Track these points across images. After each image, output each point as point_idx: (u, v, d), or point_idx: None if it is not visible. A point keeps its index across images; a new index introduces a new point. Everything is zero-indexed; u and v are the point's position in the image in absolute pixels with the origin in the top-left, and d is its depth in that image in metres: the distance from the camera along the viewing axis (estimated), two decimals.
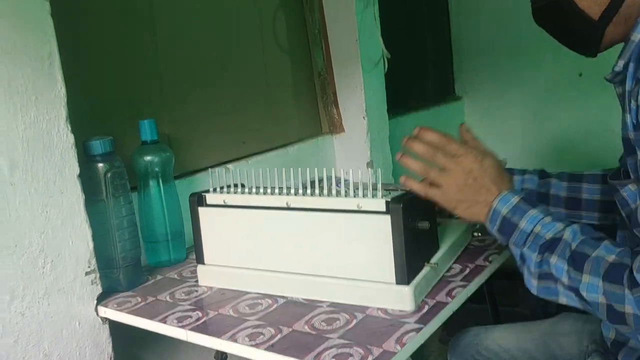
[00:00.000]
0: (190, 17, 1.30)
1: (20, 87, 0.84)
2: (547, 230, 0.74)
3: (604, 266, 0.68)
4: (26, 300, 0.86)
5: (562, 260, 0.71)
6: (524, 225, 0.75)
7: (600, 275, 0.68)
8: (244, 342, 0.77)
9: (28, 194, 0.86)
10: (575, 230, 0.72)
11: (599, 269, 0.68)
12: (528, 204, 0.76)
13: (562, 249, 0.71)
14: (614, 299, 0.66)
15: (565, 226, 0.73)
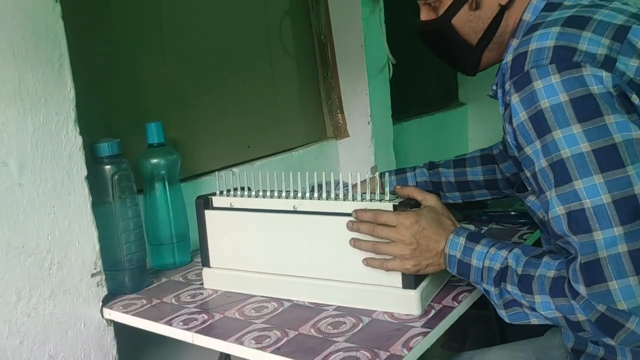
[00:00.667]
0: (198, 21, 1.31)
1: (31, 89, 0.85)
2: (495, 261, 0.76)
3: (547, 283, 0.70)
4: (32, 302, 0.86)
5: (514, 286, 0.73)
6: (476, 263, 0.78)
7: (547, 292, 0.70)
8: (250, 345, 0.77)
9: (36, 195, 0.86)
10: (517, 254, 0.75)
11: (544, 287, 0.70)
12: (472, 240, 0.79)
13: (511, 276, 0.74)
14: (566, 311, 0.69)
15: (508, 252, 0.76)
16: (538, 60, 0.70)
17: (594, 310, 0.65)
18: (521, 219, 1.18)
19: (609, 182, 0.64)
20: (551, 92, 0.68)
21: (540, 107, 0.68)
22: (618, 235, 0.64)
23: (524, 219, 1.17)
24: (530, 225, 1.15)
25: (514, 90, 0.71)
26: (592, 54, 0.68)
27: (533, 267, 0.72)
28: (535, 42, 0.72)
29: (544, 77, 0.68)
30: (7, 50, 0.82)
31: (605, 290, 0.64)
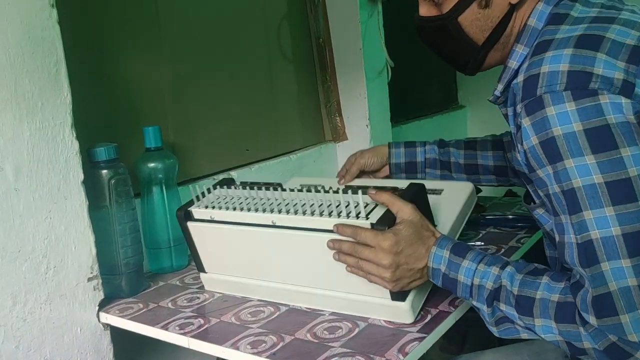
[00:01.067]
0: (196, 25, 1.31)
1: (27, 93, 0.85)
2: (486, 279, 0.74)
3: (552, 307, 0.69)
4: (28, 306, 0.86)
5: (510, 307, 0.72)
6: (463, 279, 0.76)
7: (551, 317, 0.69)
8: (245, 350, 0.77)
9: (32, 199, 0.86)
10: (510, 273, 0.73)
11: (547, 312, 0.69)
12: (457, 254, 0.77)
13: (506, 296, 0.72)
14: (571, 337, 0.67)
15: (500, 269, 0.74)
16: (551, 85, 0.67)
17: (605, 339, 0.65)
18: (519, 223, 1.18)
19: (619, 215, 0.64)
20: (565, 119, 0.66)
21: (553, 134, 0.67)
22: (626, 268, 0.63)
23: (522, 223, 1.17)
24: (528, 229, 1.15)
25: (525, 114, 0.70)
26: (609, 79, 0.66)
27: (530, 287, 0.71)
28: (548, 64, 0.69)
29: (557, 103, 0.66)
30: (3, 55, 0.82)
31: (617, 323, 0.63)
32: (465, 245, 0.79)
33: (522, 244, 1.08)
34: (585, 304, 0.66)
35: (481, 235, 1.15)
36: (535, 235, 1.13)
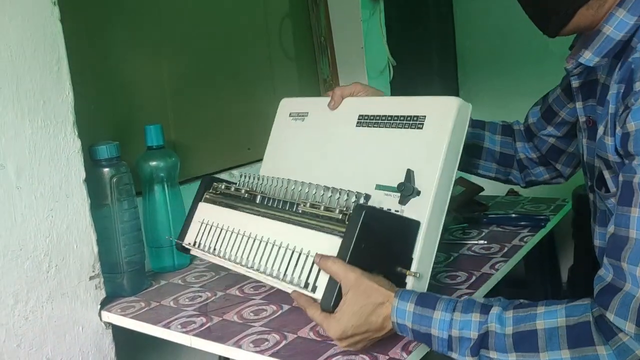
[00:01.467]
0: (198, 23, 1.31)
1: (29, 91, 0.85)
2: (467, 329, 0.66)
3: (562, 333, 0.62)
4: (30, 304, 0.86)
5: (503, 353, 0.64)
6: (438, 333, 0.68)
7: (560, 347, 0.61)
8: (248, 348, 0.76)
9: (34, 198, 0.86)
10: (498, 314, 0.66)
11: (556, 340, 0.62)
12: (426, 306, 0.69)
13: (498, 341, 0.65)
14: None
15: (481, 314, 0.66)
16: None
17: (631, 355, 0.59)
18: (522, 222, 1.17)
19: None
20: None
21: None
22: None
23: (525, 222, 1.17)
24: (531, 227, 1.15)
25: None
26: None
27: (527, 320, 0.64)
28: None
29: None
30: (5, 53, 0.82)
31: None
32: (432, 295, 0.71)
33: (525, 242, 1.08)
34: (625, 308, 0.59)
35: (484, 234, 1.15)
36: (539, 234, 1.13)
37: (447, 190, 0.79)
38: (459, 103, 0.80)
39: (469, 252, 1.05)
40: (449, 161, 0.78)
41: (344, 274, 0.70)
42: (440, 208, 0.78)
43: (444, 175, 0.77)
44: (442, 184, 0.77)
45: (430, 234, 0.77)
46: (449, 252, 1.06)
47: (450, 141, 0.78)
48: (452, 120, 0.78)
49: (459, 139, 0.80)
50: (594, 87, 0.79)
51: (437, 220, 0.78)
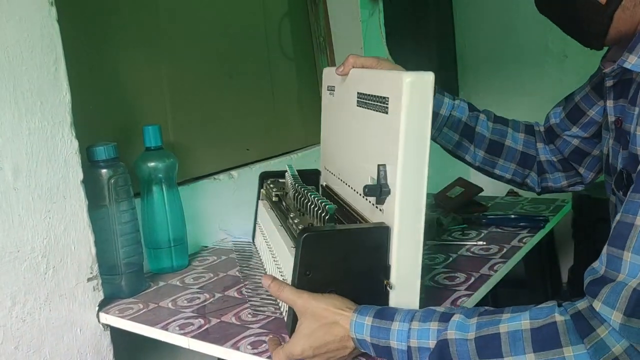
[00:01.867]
0: (196, 24, 1.30)
1: (26, 92, 0.84)
2: (425, 338, 0.64)
3: (526, 337, 0.59)
4: (27, 306, 0.85)
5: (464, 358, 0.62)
6: (397, 345, 0.65)
7: (525, 351, 0.59)
8: (246, 350, 0.76)
9: (31, 199, 0.85)
10: (460, 322, 0.63)
11: (520, 344, 0.59)
12: (383, 318, 0.67)
13: (460, 348, 0.62)
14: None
15: (440, 322, 0.64)
16: None
17: (607, 353, 0.56)
18: (521, 222, 1.17)
19: None
20: None
21: None
22: None
23: (524, 222, 1.17)
24: (530, 228, 1.14)
25: None
26: None
27: (490, 325, 0.62)
28: None
29: None
30: (2, 53, 0.82)
31: None
32: (392, 308, 0.69)
33: (524, 243, 1.08)
34: (617, 296, 0.57)
35: (483, 234, 1.15)
36: (538, 235, 1.13)
37: (419, 185, 0.68)
38: (409, 80, 0.66)
39: (468, 253, 1.05)
40: (412, 151, 0.67)
41: (293, 300, 0.70)
42: (414, 206, 0.69)
43: (407, 168, 0.67)
44: (408, 178, 0.67)
45: (406, 237, 0.69)
46: (447, 253, 1.05)
47: (406, 128, 0.66)
48: (406, 103, 0.66)
49: (422, 122, 0.67)
50: (628, 85, 0.77)
51: (413, 219, 0.69)
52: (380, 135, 0.72)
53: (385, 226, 0.70)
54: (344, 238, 0.70)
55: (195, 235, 1.22)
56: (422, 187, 0.68)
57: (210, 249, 1.23)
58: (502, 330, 0.60)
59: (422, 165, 0.67)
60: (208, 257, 1.17)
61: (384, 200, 0.70)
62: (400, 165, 0.67)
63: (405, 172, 0.67)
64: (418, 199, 0.68)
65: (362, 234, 0.70)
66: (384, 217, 0.71)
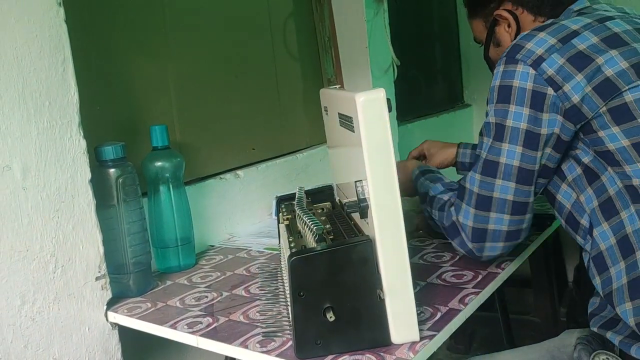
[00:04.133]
0: (202, 24, 1.31)
1: (34, 92, 0.85)
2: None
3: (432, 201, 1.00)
4: (36, 305, 0.86)
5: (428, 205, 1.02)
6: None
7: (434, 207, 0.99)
8: (255, 348, 0.76)
9: (40, 199, 0.86)
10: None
11: (432, 203, 0.99)
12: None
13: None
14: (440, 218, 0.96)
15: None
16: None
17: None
18: None
19: (490, 148, 0.88)
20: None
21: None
22: (477, 179, 0.89)
23: None
24: (537, 226, 1.14)
25: None
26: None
27: (431, 189, 1.04)
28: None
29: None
30: (11, 54, 0.82)
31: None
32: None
33: (531, 241, 1.08)
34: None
35: None
36: (544, 233, 1.13)
37: (392, 196, 0.70)
38: (362, 99, 0.69)
39: None
40: (378, 165, 0.70)
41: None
42: (391, 217, 0.70)
43: (377, 182, 0.70)
44: (380, 191, 0.70)
45: (389, 246, 0.71)
46: (454, 251, 1.05)
47: (368, 144, 0.69)
48: (362, 120, 0.70)
49: (382, 137, 0.69)
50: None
51: (393, 229, 0.70)
52: (354, 153, 0.76)
53: (367, 239, 0.72)
54: (330, 257, 0.71)
55: (202, 235, 1.22)
56: (395, 197, 0.70)
57: (217, 248, 1.23)
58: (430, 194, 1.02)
59: (391, 177, 0.70)
60: (215, 256, 1.18)
61: (366, 214, 0.73)
62: (370, 179, 0.70)
63: (375, 186, 0.70)
64: (394, 209, 0.71)
65: (346, 250, 0.71)
66: (370, 230, 0.74)
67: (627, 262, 0.81)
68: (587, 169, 0.86)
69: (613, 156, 0.82)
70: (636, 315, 0.80)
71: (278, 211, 1.05)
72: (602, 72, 0.82)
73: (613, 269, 0.83)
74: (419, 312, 0.80)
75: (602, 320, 0.89)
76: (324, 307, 0.71)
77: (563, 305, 1.96)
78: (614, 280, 0.83)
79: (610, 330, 0.86)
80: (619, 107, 0.81)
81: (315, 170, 1.54)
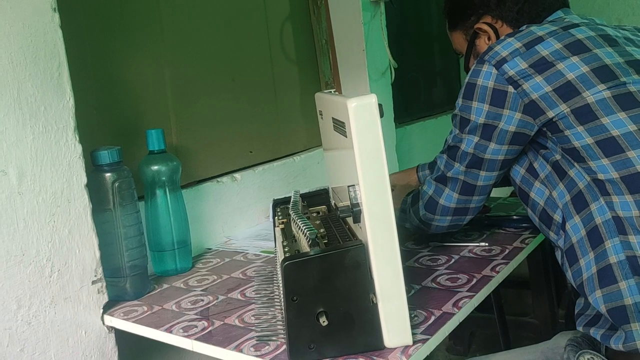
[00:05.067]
0: (198, 27, 1.31)
1: (30, 97, 0.85)
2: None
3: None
4: (33, 309, 0.86)
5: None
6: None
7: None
8: (249, 352, 0.76)
9: (36, 203, 0.86)
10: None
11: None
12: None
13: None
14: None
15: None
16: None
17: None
18: (523, 223, 1.17)
19: (454, 137, 0.98)
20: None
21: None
22: (444, 158, 1.01)
23: (527, 223, 1.16)
24: (533, 229, 1.14)
25: None
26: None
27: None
28: None
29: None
30: (6, 59, 0.83)
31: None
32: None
33: (527, 244, 1.08)
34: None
35: (485, 235, 1.15)
36: (540, 236, 1.13)
37: (384, 200, 0.70)
38: (354, 104, 0.70)
39: (470, 254, 1.05)
40: (370, 170, 0.70)
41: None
42: (383, 221, 0.70)
43: (369, 186, 0.70)
44: (371, 196, 0.70)
45: (381, 251, 0.71)
46: (450, 254, 1.06)
47: (359, 149, 0.70)
48: (354, 125, 0.70)
49: (374, 142, 0.70)
50: None
51: (385, 234, 0.70)
52: (347, 157, 0.76)
53: (360, 244, 0.72)
54: (323, 262, 0.71)
55: (199, 238, 1.22)
56: (387, 202, 0.71)
57: (214, 251, 1.23)
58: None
59: (383, 182, 0.70)
60: (212, 259, 1.18)
61: (359, 218, 0.73)
62: (362, 184, 0.70)
63: (367, 191, 0.70)
64: (386, 214, 0.71)
65: (339, 255, 0.71)
66: (363, 235, 0.74)
67: (596, 252, 0.85)
68: (555, 165, 0.92)
69: (579, 153, 0.87)
70: (606, 302, 0.83)
71: (275, 214, 1.06)
72: (564, 75, 0.86)
73: (583, 260, 0.87)
74: (412, 316, 0.81)
75: (587, 319, 0.90)
76: (317, 312, 0.71)
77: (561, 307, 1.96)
78: (584, 271, 0.86)
79: (594, 327, 0.88)
80: (582, 107, 0.86)
81: (312, 173, 1.54)
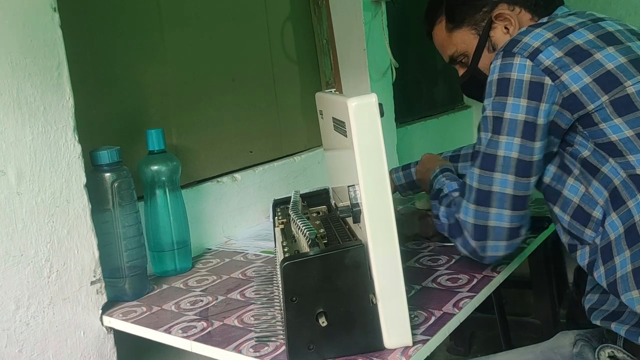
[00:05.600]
0: (199, 27, 1.31)
1: (29, 97, 0.85)
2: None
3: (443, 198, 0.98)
4: (31, 310, 0.86)
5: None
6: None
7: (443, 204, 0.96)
8: (248, 353, 0.76)
9: (35, 203, 0.86)
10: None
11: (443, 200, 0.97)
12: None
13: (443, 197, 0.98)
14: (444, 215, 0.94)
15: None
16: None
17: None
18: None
19: (489, 142, 0.87)
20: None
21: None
22: (475, 173, 0.88)
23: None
24: (534, 229, 1.14)
25: None
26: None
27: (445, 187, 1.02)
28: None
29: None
30: (5, 59, 0.82)
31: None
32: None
33: (527, 244, 1.08)
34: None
35: None
36: (541, 236, 1.12)
37: (384, 200, 0.70)
38: (355, 104, 0.70)
39: None
40: (370, 170, 0.70)
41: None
42: (383, 222, 0.70)
43: (369, 186, 0.70)
44: (371, 196, 0.70)
45: (381, 251, 0.71)
46: (450, 254, 1.05)
47: (359, 149, 0.69)
48: (355, 125, 0.70)
49: (374, 142, 0.70)
50: None
51: (385, 234, 0.70)
52: (347, 157, 0.76)
53: (360, 244, 0.71)
54: (322, 262, 0.71)
55: (199, 238, 1.22)
56: (387, 202, 0.70)
57: (213, 252, 1.23)
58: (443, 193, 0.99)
59: (383, 182, 0.70)
60: (211, 259, 1.18)
61: (359, 218, 0.73)
62: (361, 184, 0.70)
63: (367, 191, 0.70)
64: (386, 214, 0.70)
65: (338, 256, 0.71)
66: (363, 235, 0.74)
67: (633, 251, 0.81)
68: (585, 162, 0.86)
69: (615, 147, 0.82)
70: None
71: (275, 214, 1.05)
72: (603, 65, 0.82)
73: (618, 257, 0.83)
74: (413, 316, 0.80)
75: (604, 314, 0.88)
76: (316, 312, 0.71)
77: (563, 306, 1.95)
78: (618, 269, 0.82)
79: (615, 322, 0.85)
80: (622, 98, 0.81)
81: (313, 173, 1.54)
